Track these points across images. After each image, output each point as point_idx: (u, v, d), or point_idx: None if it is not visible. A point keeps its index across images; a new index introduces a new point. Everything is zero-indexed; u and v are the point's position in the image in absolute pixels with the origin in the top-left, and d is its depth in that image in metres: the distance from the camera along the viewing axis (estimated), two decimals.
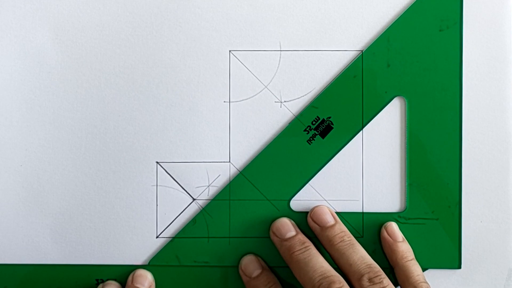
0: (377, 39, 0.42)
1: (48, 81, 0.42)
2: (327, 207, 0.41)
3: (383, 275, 0.37)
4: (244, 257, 0.41)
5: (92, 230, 0.42)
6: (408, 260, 0.40)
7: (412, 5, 0.42)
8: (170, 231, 0.42)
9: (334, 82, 0.42)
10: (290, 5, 0.42)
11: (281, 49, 0.42)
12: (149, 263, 0.42)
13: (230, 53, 0.42)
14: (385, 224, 0.41)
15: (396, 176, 0.42)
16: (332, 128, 0.42)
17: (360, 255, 0.38)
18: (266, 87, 0.42)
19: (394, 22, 0.42)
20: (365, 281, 0.37)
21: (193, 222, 0.42)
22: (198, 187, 0.42)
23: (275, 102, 0.42)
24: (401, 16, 0.42)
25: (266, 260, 0.42)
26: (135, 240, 0.42)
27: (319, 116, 0.42)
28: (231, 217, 0.42)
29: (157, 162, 0.42)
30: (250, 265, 0.41)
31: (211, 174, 0.42)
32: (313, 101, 0.42)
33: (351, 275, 0.38)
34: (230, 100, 0.42)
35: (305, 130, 0.42)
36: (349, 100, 0.42)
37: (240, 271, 0.41)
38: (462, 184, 0.42)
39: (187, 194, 0.42)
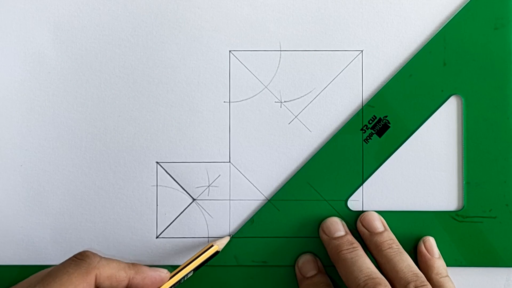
0: (433, 38, 0.42)
1: (48, 81, 0.42)
2: (377, 214, 0.41)
3: (429, 285, 0.37)
4: (302, 256, 0.42)
5: (92, 230, 0.42)
6: (443, 277, 0.40)
7: (467, 4, 0.42)
8: (170, 232, 0.42)
9: (390, 81, 0.42)
10: (290, 5, 0.42)
11: (281, 49, 0.42)
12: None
13: (230, 53, 0.42)
14: (423, 238, 0.41)
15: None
16: (389, 127, 0.42)
17: (407, 263, 0.39)
18: (266, 87, 0.42)
19: (449, 21, 0.42)
20: None
21: (251, 221, 0.42)
22: (198, 187, 0.42)
23: (275, 102, 0.42)
24: (456, 14, 0.42)
25: (322, 259, 0.42)
26: (135, 241, 0.42)
27: (376, 115, 0.42)
28: (287, 217, 0.42)
29: (157, 162, 0.42)
30: (307, 264, 0.41)
31: (211, 174, 0.42)
32: (370, 100, 0.42)
33: (397, 282, 0.38)
34: (230, 100, 0.42)
35: (361, 129, 0.42)
36: (406, 99, 0.42)
37: (296, 268, 0.42)
38: None
39: (187, 194, 0.42)
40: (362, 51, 0.42)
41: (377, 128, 0.42)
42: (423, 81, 0.42)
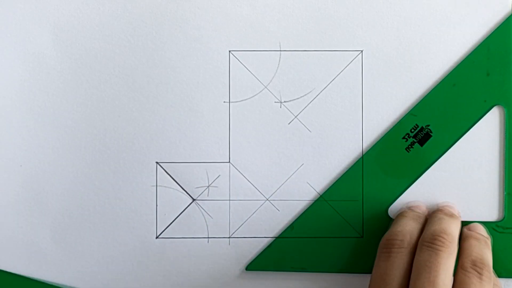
0: (477, 48, 0.42)
1: (48, 81, 0.42)
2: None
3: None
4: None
5: (92, 230, 0.42)
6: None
7: (511, 13, 0.42)
8: (170, 232, 0.42)
9: (433, 90, 0.42)
10: (290, 5, 0.42)
11: (281, 49, 0.42)
12: (246, 268, 0.42)
13: (230, 53, 0.42)
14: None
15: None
16: (431, 136, 0.42)
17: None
18: (266, 87, 0.42)
19: (494, 31, 0.42)
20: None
21: (291, 228, 0.42)
22: (198, 187, 0.42)
23: (275, 102, 0.42)
24: (501, 25, 0.42)
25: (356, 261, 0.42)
26: (134, 241, 0.42)
27: (418, 124, 0.42)
28: (323, 220, 0.42)
29: (157, 163, 0.42)
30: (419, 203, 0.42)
31: (211, 175, 0.42)
32: (412, 109, 0.42)
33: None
34: (230, 101, 0.42)
35: (403, 138, 0.42)
36: (448, 108, 0.41)
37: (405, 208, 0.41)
38: None
39: (187, 195, 0.42)
40: (362, 51, 0.42)
41: (419, 137, 0.42)
42: (465, 90, 0.41)
